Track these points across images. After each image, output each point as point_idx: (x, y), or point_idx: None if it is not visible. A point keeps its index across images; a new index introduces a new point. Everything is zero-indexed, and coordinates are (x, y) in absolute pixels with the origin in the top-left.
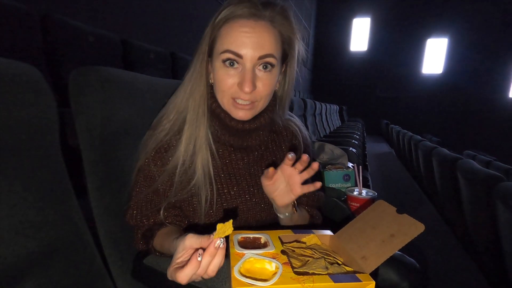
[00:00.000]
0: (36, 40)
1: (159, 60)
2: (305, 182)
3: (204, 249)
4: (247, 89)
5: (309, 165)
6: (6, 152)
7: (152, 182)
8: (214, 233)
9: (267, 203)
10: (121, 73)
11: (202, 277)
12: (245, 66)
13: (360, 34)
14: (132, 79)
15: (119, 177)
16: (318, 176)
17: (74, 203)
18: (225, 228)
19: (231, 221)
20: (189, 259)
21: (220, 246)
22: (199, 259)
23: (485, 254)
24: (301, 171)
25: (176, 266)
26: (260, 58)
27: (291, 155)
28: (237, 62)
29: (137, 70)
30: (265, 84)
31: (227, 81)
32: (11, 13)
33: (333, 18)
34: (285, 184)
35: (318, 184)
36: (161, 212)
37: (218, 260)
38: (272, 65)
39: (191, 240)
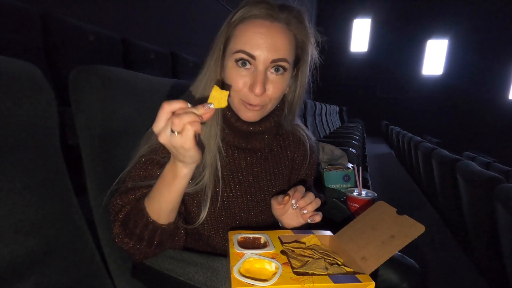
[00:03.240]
0: (36, 39)
1: (160, 59)
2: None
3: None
4: (257, 91)
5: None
6: (5, 150)
7: (153, 166)
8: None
9: (268, 205)
10: (122, 72)
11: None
12: (257, 67)
13: (360, 35)
14: (132, 78)
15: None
16: (318, 177)
17: (73, 201)
18: (221, 95)
19: (227, 93)
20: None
21: (211, 107)
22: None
23: (485, 255)
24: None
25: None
26: (273, 61)
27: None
28: (250, 63)
29: (137, 70)
30: (275, 87)
31: (238, 82)
32: (11, 12)
33: (333, 19)
34: (296, 209)
35: (318, 218)
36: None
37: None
38: (285, 69)
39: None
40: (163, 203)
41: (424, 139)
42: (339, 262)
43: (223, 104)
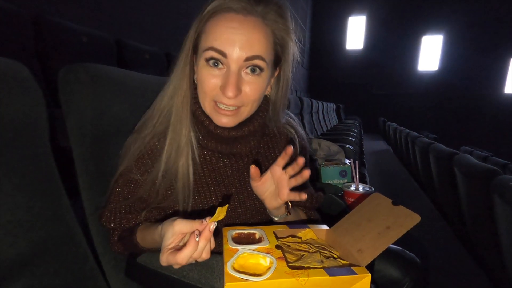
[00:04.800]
0: (28, 42)
1: (154, 60)
2: (296, 187)
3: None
4: (230, 93)
5: (300, 170)
6: None
7: (132, 186)
8: (208, 218)
9: (258, 210)
10: (112, 70)
11: (196, 260)
12: (229, 67)
13: (355, 33)
14: (123, 76)
15: (111, 175)
16: (314, 173)
17: (65, 202)
18: (222, 212)
19: (226, 206)
20: (186, 243)
21: (211, 229)
22: (196, 239)
23: (483, 247)
24: (292, 176)
25: (170, 251)
26: (247, 59)
27: (288, 151)
28: (221, 63)
29: (132, 70)
30: (253, 88)
31: (209, 82)
32: (2, 15)
33: (328, 17)
34: (274, 187)
35: (304, 196)
36: (143, 214)
37: (212, 243)
38: (261, 69)
39: (181, 225)
40: (157, 244)
41: (421, 134)
42: (335, 256)
43: (222, 216)
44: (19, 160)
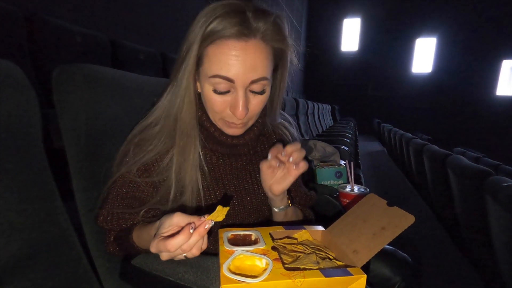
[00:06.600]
0: (21, 41)
1: (149, 60)
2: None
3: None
4: (239, 115)
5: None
6: None
7: (131, 188)
8: (207, 215)
9: (255, 208)
10: (106, 70)
11: (185, 256)
12: (237, 90)
13: (350, 34)
14: (118, 77)
15: (106, 177)
16: (310, 174)
17: (58, 204)
18: (222, 212)
19: (227, 208)
20: (179, 231)
21: (207, 227)
22: (191, 231)
23: (476, 247)
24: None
25: (162, 238)
26: (253, 82)
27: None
28: (228, 89)
29: (127, 71)
30: (257, 103)
31: (218, 105)
32: None
33: (324, 19)
34: (282, 168)
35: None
36: (141, 213)
37: (205, 242)
38: (265, 89)
39: (179, 218)
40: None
41: (415, 135)
42: (330, 257)
43: (221, 218)
44: (12, 161)
